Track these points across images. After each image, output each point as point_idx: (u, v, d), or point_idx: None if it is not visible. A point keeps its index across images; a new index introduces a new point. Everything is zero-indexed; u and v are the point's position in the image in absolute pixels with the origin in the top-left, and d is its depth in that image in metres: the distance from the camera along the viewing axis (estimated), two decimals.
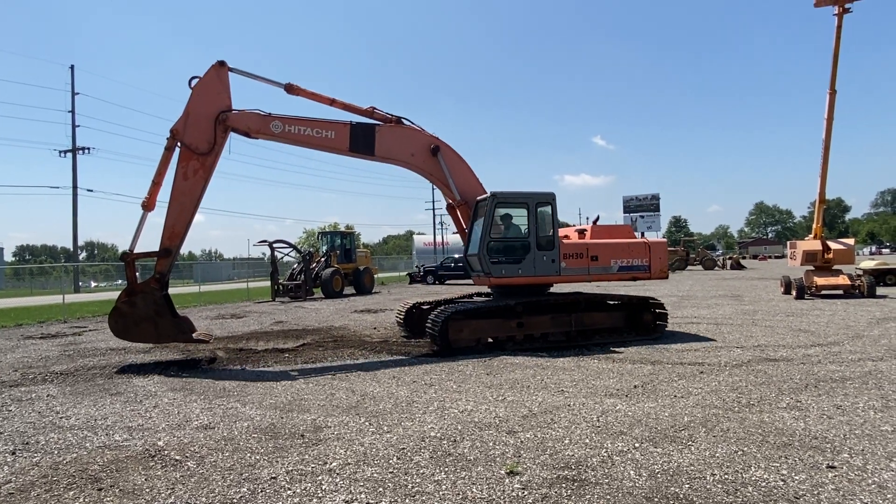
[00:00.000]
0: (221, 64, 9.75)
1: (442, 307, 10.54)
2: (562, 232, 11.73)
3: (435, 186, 11.56)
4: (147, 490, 4.28)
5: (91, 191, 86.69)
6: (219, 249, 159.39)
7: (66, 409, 6.84)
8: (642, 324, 11.03)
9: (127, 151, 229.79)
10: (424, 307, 11.91)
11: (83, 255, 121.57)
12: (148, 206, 9.70)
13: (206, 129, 9.53)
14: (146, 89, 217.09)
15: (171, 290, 9.90)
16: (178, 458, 4.97)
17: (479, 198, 10.98)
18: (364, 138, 10.39)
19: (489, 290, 11.86)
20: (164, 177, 9.65)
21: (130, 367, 9.55)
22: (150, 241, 10.07)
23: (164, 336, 9.55)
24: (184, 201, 9.48)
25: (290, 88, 10.29)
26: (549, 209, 10.71)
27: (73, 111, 47.76)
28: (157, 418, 6.32)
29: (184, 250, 10.64)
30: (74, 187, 46.90)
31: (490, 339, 10.21)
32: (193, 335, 9.77)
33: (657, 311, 11.08)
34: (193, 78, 9.68)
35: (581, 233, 11.61)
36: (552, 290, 11.60)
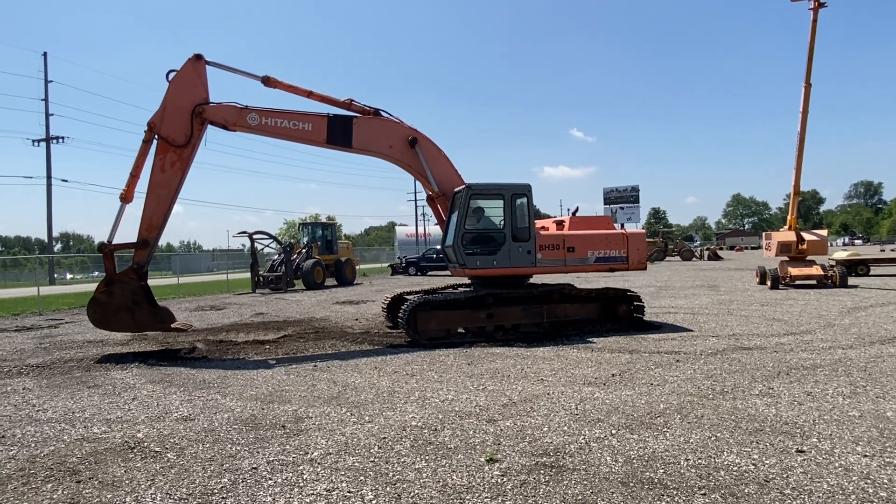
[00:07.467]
0: (198, 57, 9.85)
1: (413, 298, 10.52)
2: (540, 223, 11.81)
3: (415, 178, 11.64)
4: (126, 482, 4.27)
5: (66, 181, 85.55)
6: (198, 241, 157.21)
7: (43, 402, 6.76)
8: (618, 315, 11.06)
9: (103, 141, 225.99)
10: (407, 298, 11.89)
11: (58, 246, 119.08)
12: (126, 197, 9.94)
13: (183, 121, 9.70)
14: (123, 78, 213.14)
15: (149, 282, 9.91)
16: (157, 449, 4.96)
17: (455, 189, 11.00)
18: (342, 130, 10.51)
19: (470, 282, 11.89)
20: (142, 169, 9.84)
21: (108, 359, 9.46)
22: (131, 232, 10.12)
23: (141, 325, 9.71)
24: (161, 193, 9.64)
25: (268, 81, 10.38)
26: (524, 201, 10.72)
27: (46, 99, 46.83)
28: (136, 410, 6.28)
29: (162, 241, 10.88)
30: (48, 177, 46.05)
31: (461, 330, 10.35)
32: (172, 325, 9.93)
33: (635, 303, 11.02)
34: (171, 71, 9.80)
35: (559, 224, 11.61)
36: (534, 281, 11.68)
